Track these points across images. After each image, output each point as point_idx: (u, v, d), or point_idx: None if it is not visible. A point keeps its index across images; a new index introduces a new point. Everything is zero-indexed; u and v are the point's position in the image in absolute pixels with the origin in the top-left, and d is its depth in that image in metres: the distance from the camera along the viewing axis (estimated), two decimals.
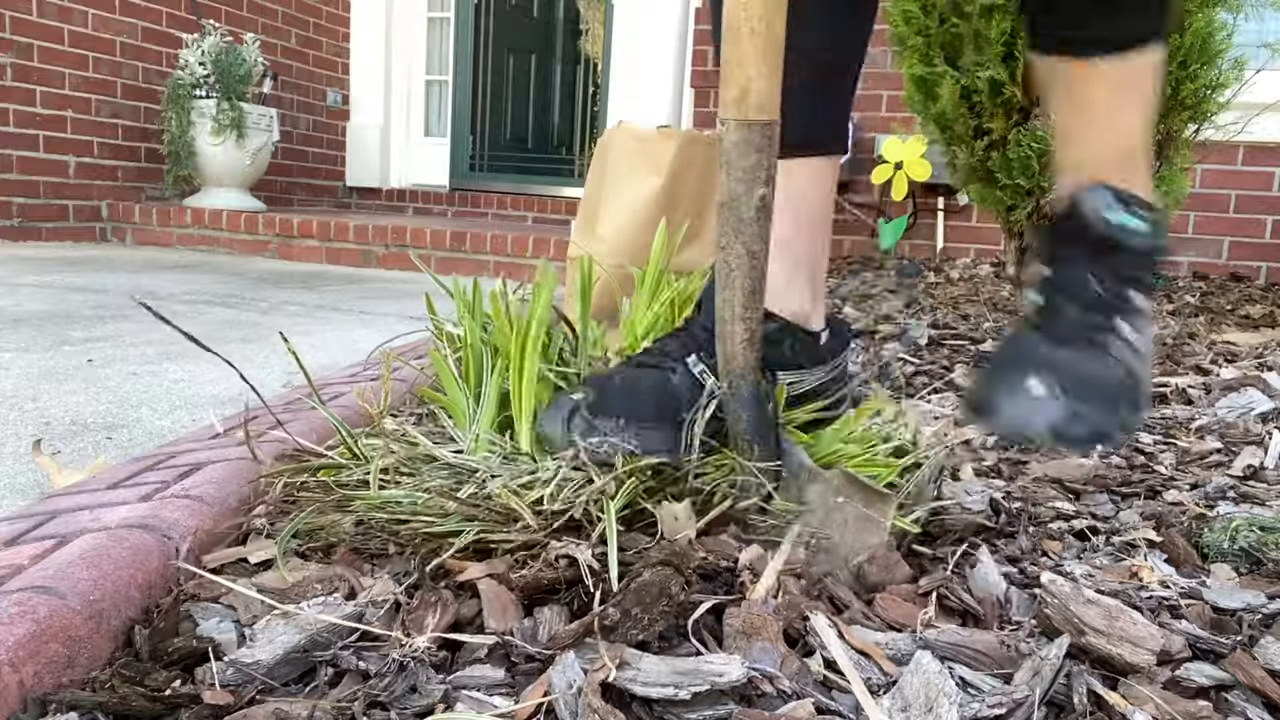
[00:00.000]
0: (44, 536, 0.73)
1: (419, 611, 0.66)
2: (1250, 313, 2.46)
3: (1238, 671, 0.63)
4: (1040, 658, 0.61)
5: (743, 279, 0.78)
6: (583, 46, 5.71)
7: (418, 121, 5.56)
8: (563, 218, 4.88)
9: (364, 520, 0.78)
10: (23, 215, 3.67)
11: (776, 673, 0.60)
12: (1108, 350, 0.83)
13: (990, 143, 2.25)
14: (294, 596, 0.69)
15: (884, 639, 0.67)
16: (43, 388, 1.43)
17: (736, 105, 0.74)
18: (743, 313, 0.79)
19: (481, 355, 0.96)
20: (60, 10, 3.73)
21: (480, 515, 0.75)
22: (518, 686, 0.60)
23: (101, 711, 0.56)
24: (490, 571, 0.71)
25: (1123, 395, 0.82)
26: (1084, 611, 0.66)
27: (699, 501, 0.82)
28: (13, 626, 0.57)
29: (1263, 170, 3.35)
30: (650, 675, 0.57)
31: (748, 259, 0.77)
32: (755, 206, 0.76)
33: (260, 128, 4.17)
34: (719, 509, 0.81)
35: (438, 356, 0.99)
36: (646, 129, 1.75)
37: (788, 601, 0.70)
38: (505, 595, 0.68)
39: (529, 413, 0.90)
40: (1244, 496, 1.04)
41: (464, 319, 1.01)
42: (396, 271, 3.61)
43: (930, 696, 0.56)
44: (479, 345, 0.97)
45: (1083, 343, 0.83)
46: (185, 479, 0.87)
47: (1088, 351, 0.82)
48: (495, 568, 0.72)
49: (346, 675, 0.61)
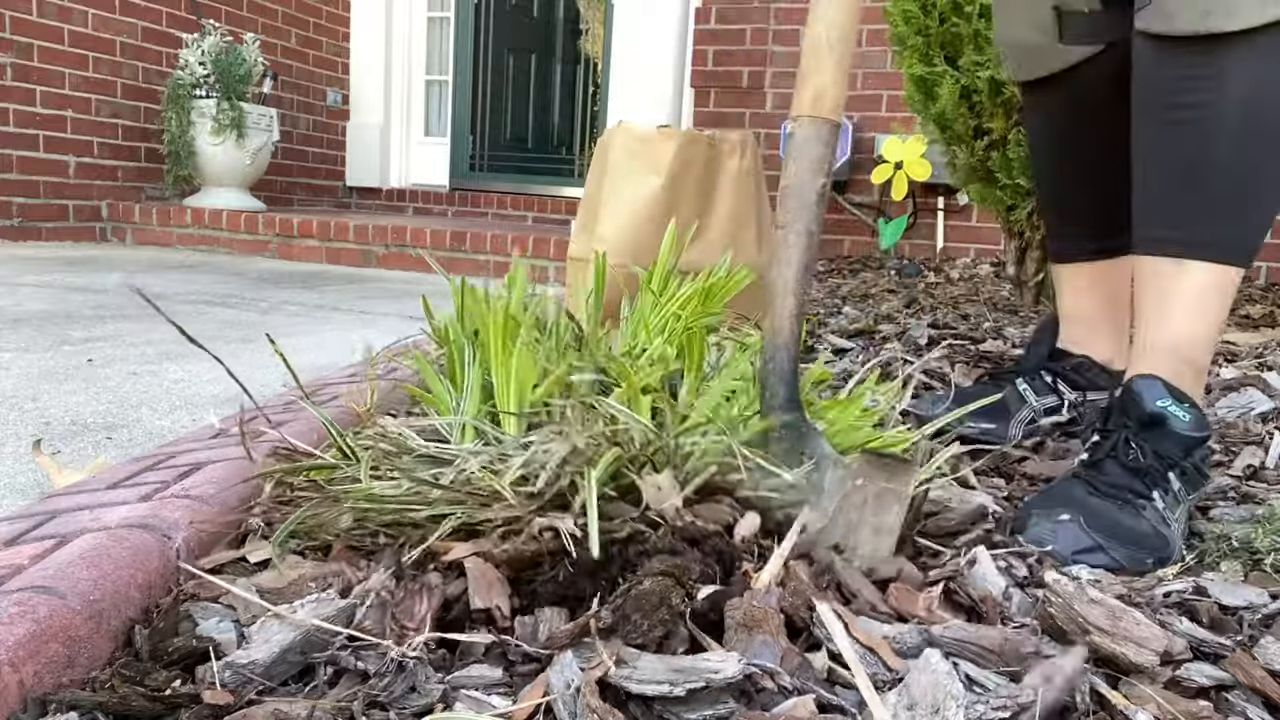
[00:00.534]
0: (44, 536, 0.73)
1: (406, 601, 0.66)
2: (1250, 313, 2.46)
3: (1238, 672, 0.63)
4: (1055, 665, 0.60)
5: (800, 255, 0.85)
6: (583, 46, 5.71)
7: (418, 121, 5.56)
8: (563, 218, 4.88)
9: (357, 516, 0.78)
10: (23, 215, 3.68)
11: (777, 668, 0.60)
12: (1141, 512, 0.89)
13: (990, 142, 2.25)
14: (290, 595, 0.69)
15: (891, 631, 0.66)
16: (43, 388, 1.43)
17: (812, 105, 0.86)
18: (795, 287, 0.86)
19: (463, 349, 0.96)
20: (60, 10, 3.73)
21: (462, 498, 0.75)
22: (516, 686, 0.60)
23: (101, 711, 0.56)
24: (476, 550, 0.71)
25: (1150, 546, 0.87)
26: (1088, 611, 0.66)
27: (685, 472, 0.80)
28: (13, 626, 0.57)
29: None
30: (646, 673, 0.57)
31: (806, 238, 0.86)
32: (817, 192, 0.86)
33: (260, 128, 4.17)
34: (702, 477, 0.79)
35: (419, 356, 1.00)
36: (646, 129, 1.75)
37: (793, 589, 0.69)
38: (491, 573, 0.69)
39: (513, 399, 0.90)
40: (1244, 497, 1.04)
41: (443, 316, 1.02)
42: (396, 271, 3.61)
43: (938, 698, 0.55)
44: (461, 339, 0.97)
45: (1120, 500, 0.90)
46: (185, 479, 0.87)
47: (1123, 508, 0.89)
48: (481, 546, 0.72)
49: (345, 675, 0.61)
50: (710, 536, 0.73)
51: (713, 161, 1.74)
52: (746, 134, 1.78)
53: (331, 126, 5.33)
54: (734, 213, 1.74)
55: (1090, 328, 1.30)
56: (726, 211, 1.74)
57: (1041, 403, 1.27)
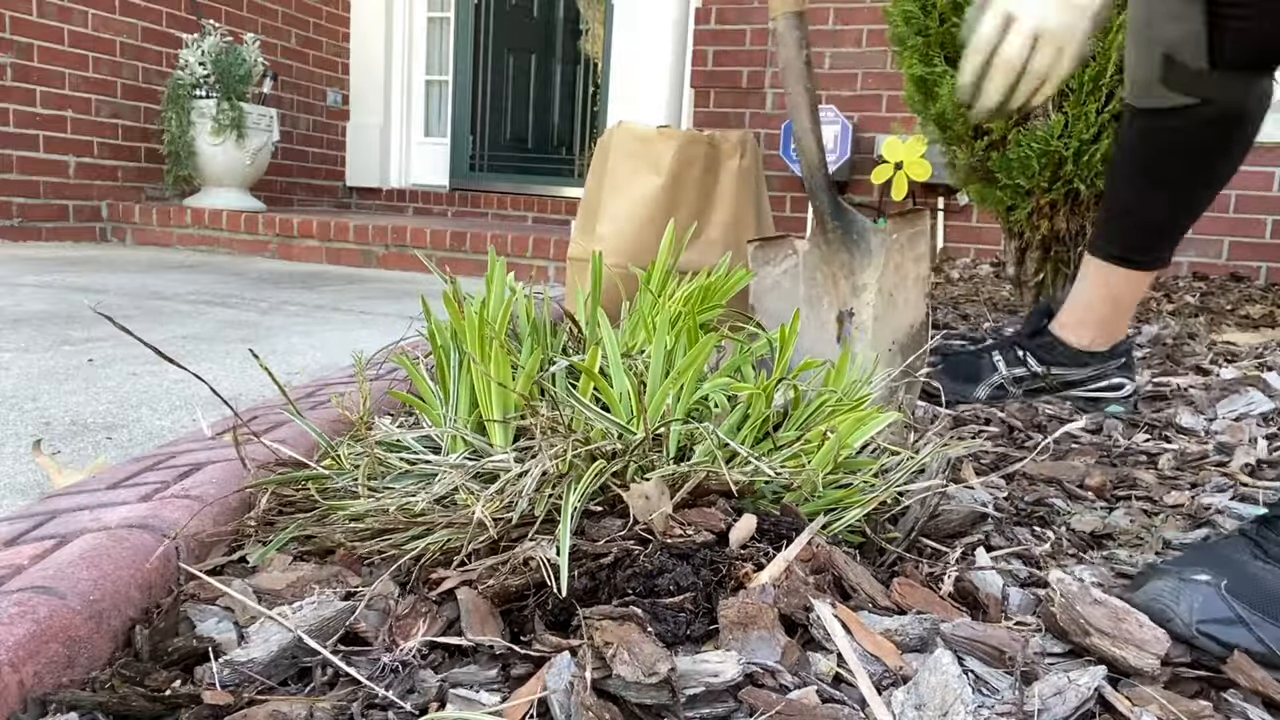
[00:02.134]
0: (44, 536, 0.73)
1: (409, 618, 0.66)
2: (1250, 313, 2.46)
3: (1238, 675, 0.63)
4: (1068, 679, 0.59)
5: (806, 104, 1.29)
6: (583, 46, 5.71)
7: (418, 121, 5.56)
8: (563, 218, 4.88)
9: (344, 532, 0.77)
10: (23, 215, 3.67)
11: (777, 666, 0.59)
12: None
13: (990, 143, 2.25)
14: (289, 597, 0.69)
15: (893, 624, 0.65)
16: (43, 388, 1.43)
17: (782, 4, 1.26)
18: (812, 127, 1.30)
19: (450, 354, 0.95)
20: (60, 10, 3.73)
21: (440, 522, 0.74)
22: (512, 684, 0.60)
23: (101, 711, 0.56)
24: (465, 578, 0.70)
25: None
26: (1090, 612, 0.65)
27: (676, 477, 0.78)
28: (13, 626, 0.57)
29: (1263, 170, 3.34)
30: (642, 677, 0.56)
31: (806, 94, 1.29)
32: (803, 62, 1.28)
33: (260, 128, 4.17)
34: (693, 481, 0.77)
35: (406, 361, 0.99)
36: (646, 129, 1.75)
37: (788, 588, 0.67)
38: (483, 605, 0.67)
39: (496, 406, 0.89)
40: (1244, 497, 1.04)
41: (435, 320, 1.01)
42: (396, 271, 3.61)
43: (946, 700, 0.55)
44: (448, 344, 0.96)
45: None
46: (185, 479, 0.87)
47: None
48: (469, 574, 0.70)
49: (344, 675, 0.61)
50: (701, 549, 0.70)
51: (713, 161, 1.74)
52: (746, 134, 1.78)
53: (331, 127, 5.33)
54: (734, 213, 1.74)
55: (1083, 317, 1.46)
56: (726, 211, 1.73)
57: (1011, 372, 1.48)
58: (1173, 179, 1.34)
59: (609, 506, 0.76)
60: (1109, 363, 1.47)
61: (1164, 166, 1.34)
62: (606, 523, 0.73)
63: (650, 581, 0.66)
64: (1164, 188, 1.35)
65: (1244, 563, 0.72)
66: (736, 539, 0.73)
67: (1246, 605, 0.67)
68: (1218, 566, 0.71)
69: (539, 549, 0.68)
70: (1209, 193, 1.36)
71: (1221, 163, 1.32)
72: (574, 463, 0.75)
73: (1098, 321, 1.45)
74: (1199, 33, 1.19)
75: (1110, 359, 1.47)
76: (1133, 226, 1.40)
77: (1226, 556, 0.73)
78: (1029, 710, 0.56)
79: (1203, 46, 1.20)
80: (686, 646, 0.64)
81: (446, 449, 0.88)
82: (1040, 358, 1.48)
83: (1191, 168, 1.32)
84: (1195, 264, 3.49)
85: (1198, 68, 1.21)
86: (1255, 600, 0.67)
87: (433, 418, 0.93)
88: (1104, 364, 1.46)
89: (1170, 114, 1.29)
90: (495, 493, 0.74)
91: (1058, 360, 1.47)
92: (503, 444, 0.87)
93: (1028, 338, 1.50)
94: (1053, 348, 1.48)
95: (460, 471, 0.78)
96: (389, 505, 0.76)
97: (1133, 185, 1.39)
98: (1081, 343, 1.46)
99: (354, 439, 0.93)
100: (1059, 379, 1.48)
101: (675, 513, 0.73)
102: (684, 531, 0.71)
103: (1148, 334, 2.09)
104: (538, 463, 0.75)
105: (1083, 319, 1.46)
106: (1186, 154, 1.31)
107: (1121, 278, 1.42)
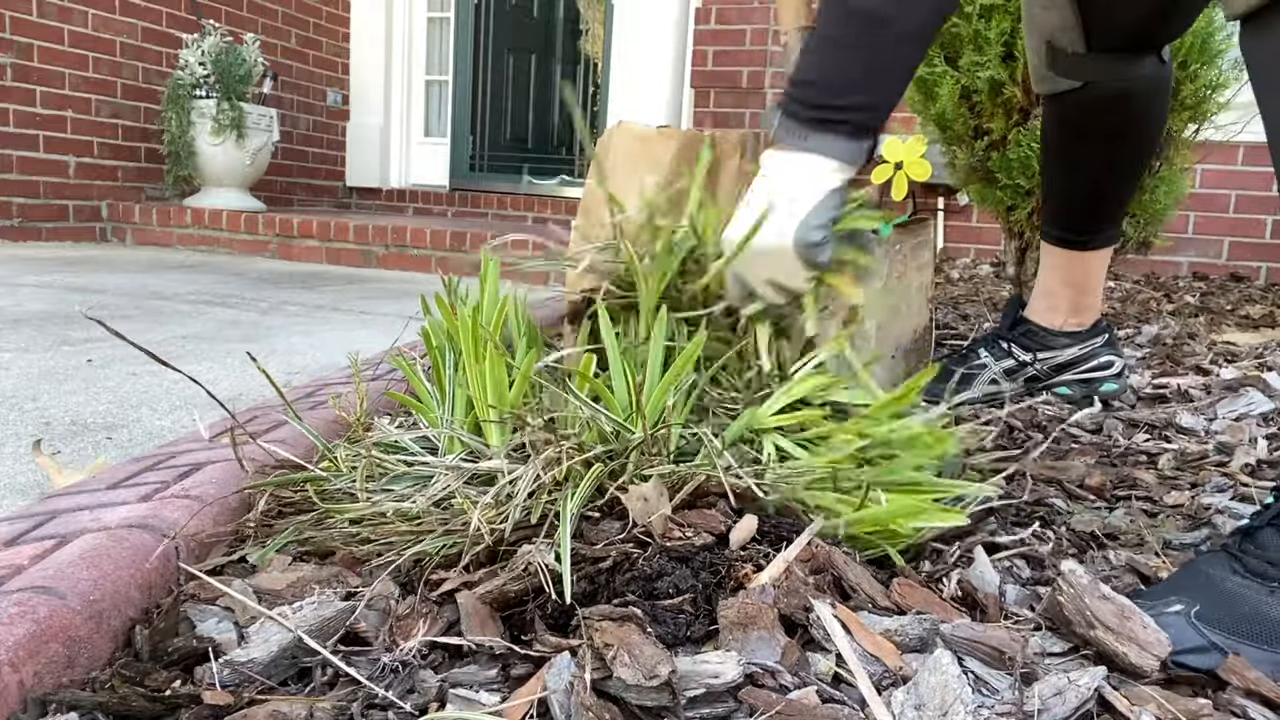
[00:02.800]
0: (44, 536, 0.73)
1: (408, 619, 0.66)
2: (1250, 313, 2.46)
3: (1233, 676, 0.63)
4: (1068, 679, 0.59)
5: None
6: (583, 46, 5.71)
7: (418, 121, 5.55)
8: (563, 218, 4.88)
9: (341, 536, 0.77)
10: (23, 215, 3.67)
11: (778, 666, 0.59)
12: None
13: (990, 143, 2.25)
14: (289, 597, 0.69)
15: (893, 624, 0.65)
16: (43, 388, 1.43)
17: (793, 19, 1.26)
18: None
19: (446, 355, 0.95)
20: (60, 10, 3.73)
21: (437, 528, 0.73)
22: (512, 685, 0.60)
23: (101, 711, 0.56)
24: (465, 581, 0.69)
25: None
26: (1097, 606, 0.65)
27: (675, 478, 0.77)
28: (13, 626, 0.57)
29: (1263, 170, 3.34)
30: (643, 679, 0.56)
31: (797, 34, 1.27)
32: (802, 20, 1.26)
33: (260, 128, 4.17)
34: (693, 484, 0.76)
35: (402, 362, 0.98)
36: (646, 129, 1.75)
37: (788, 588, 0.67)
38: (483, 609, 0.67)
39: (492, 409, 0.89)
40: (1243, 497, 1.04)
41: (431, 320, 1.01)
42: (396, 272, 3.61)
43: (946, 700, 0.55)
44: (443, 344, 0.96)
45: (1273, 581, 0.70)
46: (185, 479, 0.87)
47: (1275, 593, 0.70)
48: (469, 578, 0.70)
49: (344, 675, 0.61)
50: (700, 551, 0.69)
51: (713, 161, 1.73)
52: (746, 134, 1.78)
53: (331, 127, 5.33)
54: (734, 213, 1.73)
55: (1051, 302, 1.52)
56: (726, 212, 1.73)
57: (1000, 365, 1.52)
58: (1080, 160, 1.41)
59: (607, 509, 0.75)
60: (1092, 340, 1.50)
61: (1071, 149, 1.42)
62: (605, 525, 0.73)
63: (649, 585, 0.66)
64: (1077, 170, 1.42)
65: (1221, 580, 0.71)
66: (737, 540, 0.72)
67: (1219, 630, 0.67)
68: (1193, 590, 0.71)
69: (538, 555, 0.67)
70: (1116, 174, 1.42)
71: (1118, 143, 1.38)
72: (571, 470, 0.75)
73: (1067, 304, 1.51)
74: (1073, 19, 1.27)
75: (1093, 336, 1.51)
76: (1062, 209, 1.47)
77: (1206, 575, 0.72)
78: (1029, 710, 0.56)
79: (1079, 32, 1.28)
80: (686, 647, 0.64)
81: (443, 450, 0.87)
82: (1024, 345, 1.52)
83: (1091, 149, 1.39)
84: (1195, 264, 3.49)
85: (1075, 52, 1.29)
86: (1228, 623, 0.67)
87: (429, 418, 0.93)
88: (1087, 342, 1.50)
89: (1063, 98, 1.36)
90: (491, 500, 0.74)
91: (1042, 345, 1.52)
92: (499, 444, 0.86)
93: (1008, 330, 1.55)
94: (1034, 334, 1.53)
95: (456, 474, 0.78)
96: (386, 509, 0.76)
97: (1052, 169, 1.47)
98: (1056, 324, 1.51)
99: (351, 440, 0.93)
100: (1048, 363, 1.51)
101: (675, 514, 0.73)
102: (683, 534, 0.70)
103: (1148, 334, 2.09)
104: (530, 470, 0.75)
105: (1052, 304, 1.52)
106: (1086, 136, 1.38)
107: (1068, 259, 1.48)
